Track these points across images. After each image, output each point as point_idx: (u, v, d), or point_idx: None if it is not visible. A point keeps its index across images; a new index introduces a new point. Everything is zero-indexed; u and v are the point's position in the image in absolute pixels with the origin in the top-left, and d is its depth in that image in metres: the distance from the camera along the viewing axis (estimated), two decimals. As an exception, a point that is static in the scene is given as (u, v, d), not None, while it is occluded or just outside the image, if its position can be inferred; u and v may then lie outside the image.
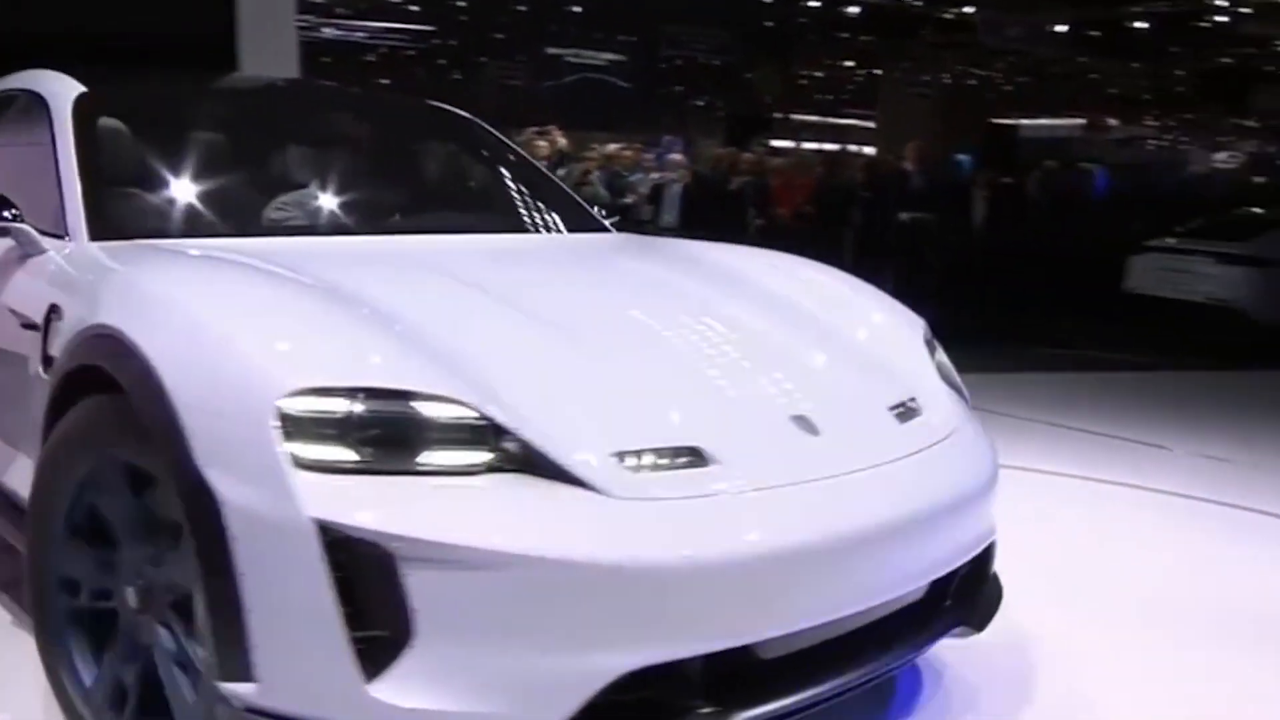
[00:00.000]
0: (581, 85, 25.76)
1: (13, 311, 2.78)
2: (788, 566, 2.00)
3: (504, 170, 4.05)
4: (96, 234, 2.76)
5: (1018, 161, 25.37)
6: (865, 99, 35.60)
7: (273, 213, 3.32)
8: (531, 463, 1.94)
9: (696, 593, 1.89)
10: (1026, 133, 41.45)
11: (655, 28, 27.65)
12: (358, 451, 1.85)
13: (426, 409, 1.92)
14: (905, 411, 2.64)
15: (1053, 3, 26.82)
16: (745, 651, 2.01)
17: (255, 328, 2.10)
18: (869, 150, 27.63)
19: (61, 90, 3.25)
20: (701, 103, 35.61)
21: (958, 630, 2.63)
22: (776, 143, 31.44)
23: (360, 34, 28.11)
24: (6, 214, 2.78)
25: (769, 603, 2.00)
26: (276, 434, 1.86)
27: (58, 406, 2.36)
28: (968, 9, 27.10)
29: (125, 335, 2.12)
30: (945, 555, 2.42)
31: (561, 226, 3.73)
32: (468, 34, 29.80)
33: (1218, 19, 26.93)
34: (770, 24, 30.77)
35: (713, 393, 2.37)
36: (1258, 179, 32.79)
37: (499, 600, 1.79)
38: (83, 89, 3.28)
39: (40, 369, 2.54)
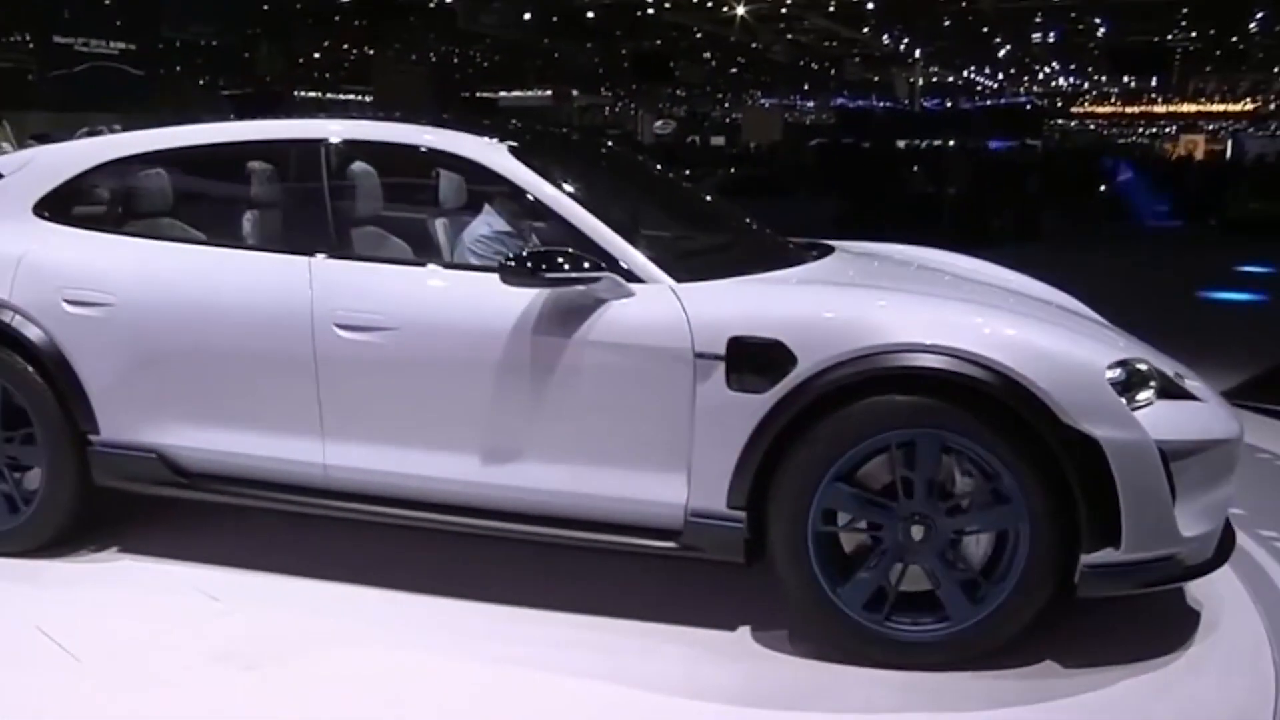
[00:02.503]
0: (92, 72, 26.46)
1: (649, 348, 3.04)
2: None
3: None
4: (681, 277, 3.15)
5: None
6: (361, 76, 38.49)
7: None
8: (1168, 391, 3.05)
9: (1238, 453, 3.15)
10: (504, 104, 46.60)
11: (156, 10, 28.49)
12: (1127, 398, 2.92)
13: (1139, 365, 3.01)
14: None
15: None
16: None
17: (1049, 330, 3.09)
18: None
19: (492, 153, 3.43)
20: (202, 82, 36.75)
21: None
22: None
23: None
24: (585, 265, 3.07)
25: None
26: (1115, 393, 2.87)
27: (805, 413, 2.93)
28: (448, -1, 31.05)
29: (977, 355, 2.84)
30: None
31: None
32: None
33: (649, 10, 33.14)
34: (267, 7, 32.75)
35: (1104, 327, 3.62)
36: (689, 139, 40.20)
37: (1207, 465, 2.97)
38: (507, 144, 3.47)
39: (728, 388, 2.98)
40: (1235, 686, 3.02)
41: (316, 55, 38.70)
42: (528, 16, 33.26)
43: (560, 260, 3.06)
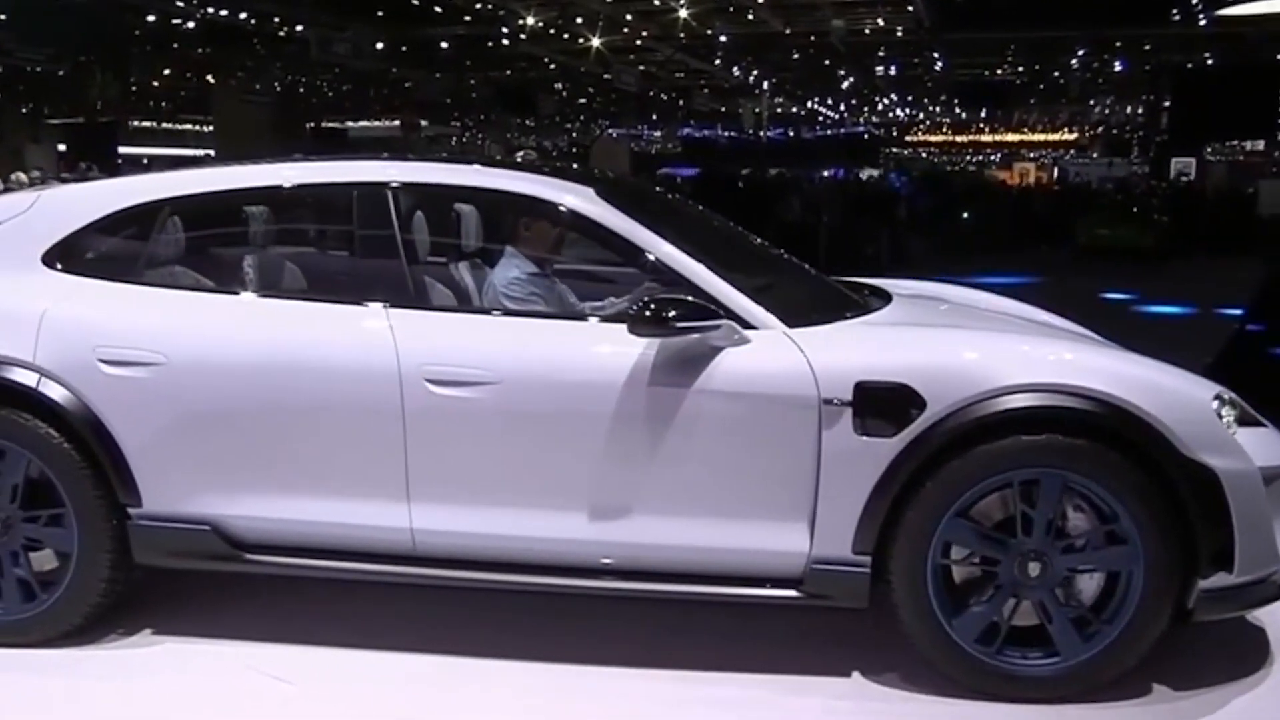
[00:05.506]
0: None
1: (771, 395, 3.00)
2: None
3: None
4: (792, 323, 3.11)
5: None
6: (203, 106, 36.95)
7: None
8: (1247, 420, 3.14)
9: None
10: (353, 134, 45.64)
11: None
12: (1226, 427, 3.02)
13: (1225, 395, 3.12)
14: None
15: (371, 21, 30.79)
16: None
17: (1156, 366, 3.17)
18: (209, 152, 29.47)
19: (586, 201, 3.32)
20: (25, 110, 34.64)
21: None
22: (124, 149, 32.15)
23: None
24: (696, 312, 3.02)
25: None
26: (1221, 425, 3.01)
27: (934, 454, 2.94)
28: (299, 27, 30.07)
29: (1103, 393, 2.92)
30: None
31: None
32: None
33: (503, 42, 32.94)
34: (100, 34, 31.05)
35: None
36: (543, 169, 40.03)
37: (1272, 492, 3.00)
38: (591, 189, 3.37)
39: (855, 433, 2.95)
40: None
41: (155, 83, 36.92)
42: (380, 46, 32.57)
43: (683, 308, 3.01)
